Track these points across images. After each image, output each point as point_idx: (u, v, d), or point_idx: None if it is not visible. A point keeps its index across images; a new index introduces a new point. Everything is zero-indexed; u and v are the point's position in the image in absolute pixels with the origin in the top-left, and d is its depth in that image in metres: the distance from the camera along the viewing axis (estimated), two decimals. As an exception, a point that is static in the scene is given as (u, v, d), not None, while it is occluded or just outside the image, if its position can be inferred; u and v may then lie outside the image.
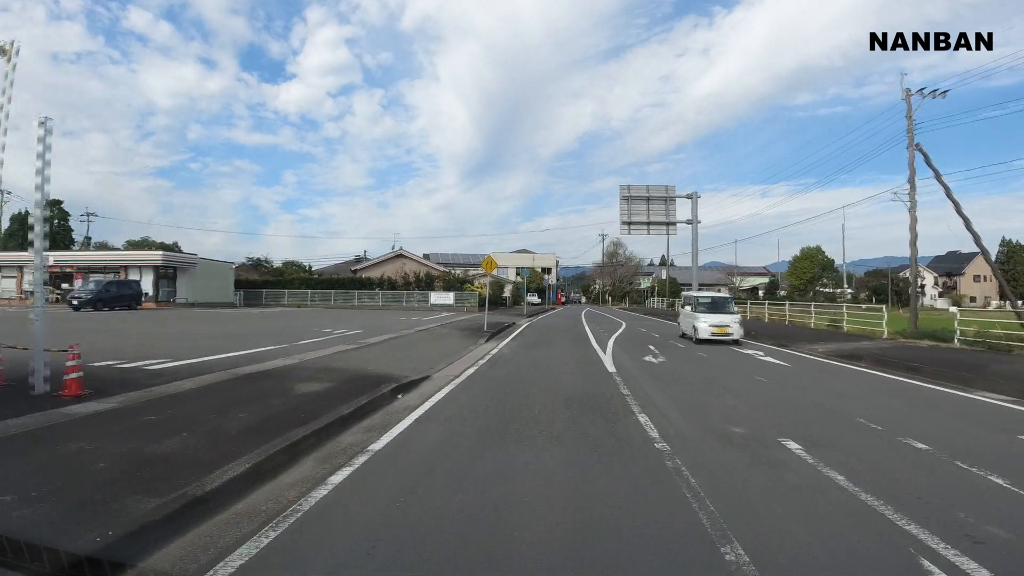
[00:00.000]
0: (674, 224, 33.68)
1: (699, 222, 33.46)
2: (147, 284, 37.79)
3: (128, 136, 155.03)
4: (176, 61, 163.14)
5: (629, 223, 33.08)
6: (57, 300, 34.91)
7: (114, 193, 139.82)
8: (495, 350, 14.68)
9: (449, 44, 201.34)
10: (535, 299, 71.53)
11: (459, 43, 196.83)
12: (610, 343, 16.89)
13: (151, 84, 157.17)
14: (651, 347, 15.82)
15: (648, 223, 33.24)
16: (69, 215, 64.97)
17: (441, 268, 49.94)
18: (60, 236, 59.82)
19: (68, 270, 39.26)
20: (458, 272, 52.12)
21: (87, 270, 38.99)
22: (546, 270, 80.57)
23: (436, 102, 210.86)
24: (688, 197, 33.69)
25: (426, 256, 73.01)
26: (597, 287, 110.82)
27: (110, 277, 36.99)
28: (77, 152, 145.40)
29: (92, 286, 32.90)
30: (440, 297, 43.79)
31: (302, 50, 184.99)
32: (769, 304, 38.31)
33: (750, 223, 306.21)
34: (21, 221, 56.95)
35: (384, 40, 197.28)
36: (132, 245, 62.39)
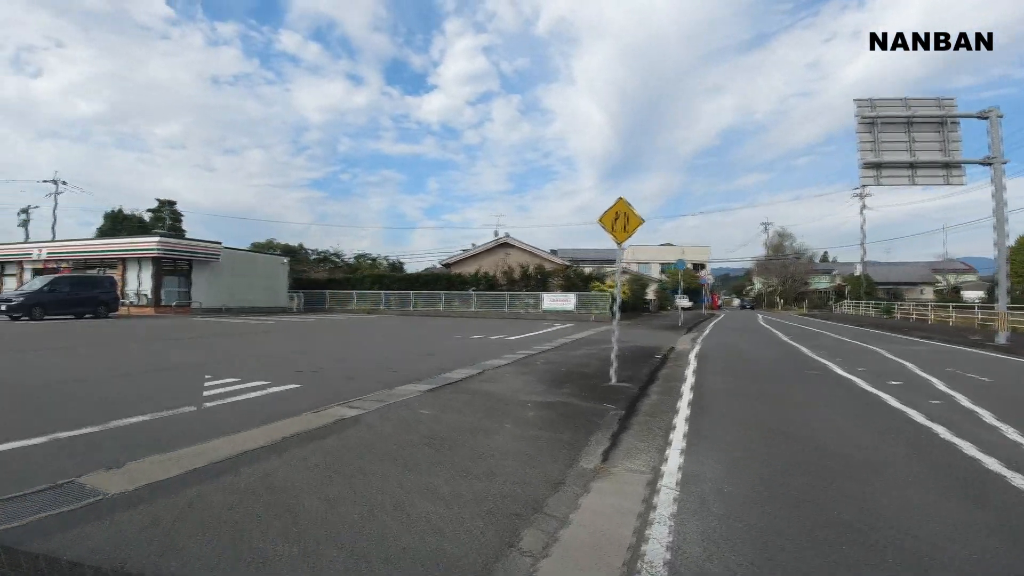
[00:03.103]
0: (958, 166, 19.04)
1: (1006, 162, 18.64)
2: (145, 281, 29.46)
3: (284, 151, 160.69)
4: (325, 79, 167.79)
5: (878, 165, 18.84)
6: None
7: (272, 204, 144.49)
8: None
9: (584, 45, 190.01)
10: (684, 302, 57.44)
11: (594, 44, 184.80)
12: None
13: (303, 101, 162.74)
14: None
15: (912, 164, 18.84)
16: (183, 215, 60.93)
17: (559, 261, 37.62)
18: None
19: (55, 264, 31.61)
20: (588, 269, 39.74)
21: (84, 264, 31.17)
22: (697, 266, 65.83)
23: (572, 105, 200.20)
24: (981, 117, 18.87)
25: (553, 252, 61.54)
26: (756, 287, 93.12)
27: (94, 272, 29.32)
28: (238, 167, 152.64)
29: (36, 285, 24.36)
30: (556, 300, 31.57)
31: (442, 61, 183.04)
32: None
33: (910, 217, 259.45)
34: (114, 219, 52.12)
35: (520, 46, 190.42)
36: (257, 248, 57.04)
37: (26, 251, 33.40)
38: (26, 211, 46.25)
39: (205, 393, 6.69)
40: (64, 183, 46.25)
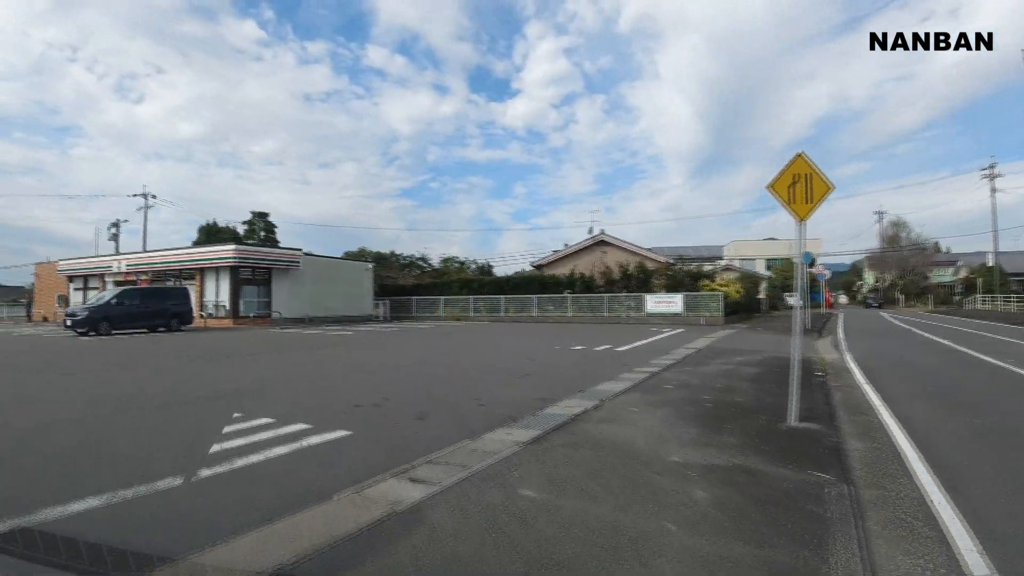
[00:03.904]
0: None
1: None
2: (223, 292, 28.44)
3: (375, 163, 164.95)
4: (412, 90, 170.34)
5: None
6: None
7: (364, 214, 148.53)
8: None
9: (667, 40, 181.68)
10: (794, 300, 52.72)
11: (678, 38, 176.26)
12: None
13: (392, 114, 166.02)
14: None
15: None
16: (276, 227, 62.01)
17: (660, 259, 34.56)
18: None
19: (135, 276, 31.66)
20: (691, 267, 36.55)
21: (162, 276, 30.95)
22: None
23: (658, 101, 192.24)
24: None
25: (649, 250, 58.40)
26: (869, 282, 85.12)
27: (170, 283, 29.03)
28: (332, 180, 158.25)
29: (105, 298, 23.47)
30: (660, 302, 28.62)
31: (524, 66, 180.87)
32: None
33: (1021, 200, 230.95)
34: (208, 232, 53.60)
35: (602, 45, 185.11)
36: (349, 256, 57.59)
37: (107, 264, 33.84)
38: (116, 225, 47.80)
39: (214, 448, 4.85)
40: (154, 197, 47.36)
